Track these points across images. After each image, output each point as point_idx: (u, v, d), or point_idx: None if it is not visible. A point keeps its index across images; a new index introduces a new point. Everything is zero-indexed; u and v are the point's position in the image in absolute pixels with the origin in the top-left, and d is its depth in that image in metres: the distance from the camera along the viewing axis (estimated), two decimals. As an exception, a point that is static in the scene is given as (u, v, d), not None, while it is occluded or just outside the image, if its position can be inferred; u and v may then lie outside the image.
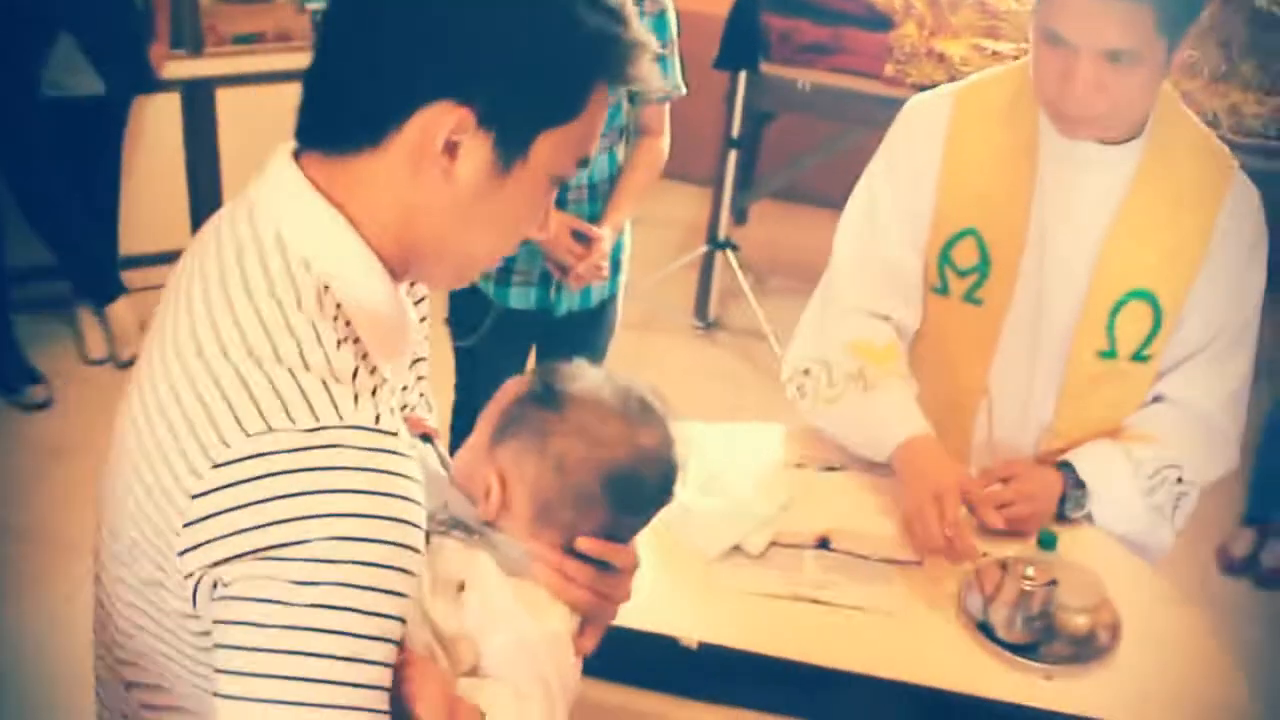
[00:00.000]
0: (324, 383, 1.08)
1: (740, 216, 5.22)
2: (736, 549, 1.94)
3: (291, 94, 1.20)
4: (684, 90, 2.92)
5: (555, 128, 1.15)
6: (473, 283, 1.58)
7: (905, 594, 1.93)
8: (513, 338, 2.99)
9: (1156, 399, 2.11)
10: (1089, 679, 1.82)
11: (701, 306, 4.90)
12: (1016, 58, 4.32)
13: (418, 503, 1.11)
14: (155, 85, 4.25)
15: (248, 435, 1.06)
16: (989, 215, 2.06)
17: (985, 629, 1.86)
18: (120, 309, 4.23)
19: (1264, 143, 4.41)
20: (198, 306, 1.13)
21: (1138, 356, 2.06)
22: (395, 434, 1.10)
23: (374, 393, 1.13)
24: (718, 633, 1.79)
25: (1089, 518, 2.08)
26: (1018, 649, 1.83)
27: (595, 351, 3.11)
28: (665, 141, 2.95)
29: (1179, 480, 2.06)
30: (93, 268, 4.25)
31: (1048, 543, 1.90)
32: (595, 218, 2.81)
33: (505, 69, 1.11)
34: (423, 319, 1.43)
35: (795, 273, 5.25)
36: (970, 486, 1.94)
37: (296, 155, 1.19)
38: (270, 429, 1.05)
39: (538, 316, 2.90)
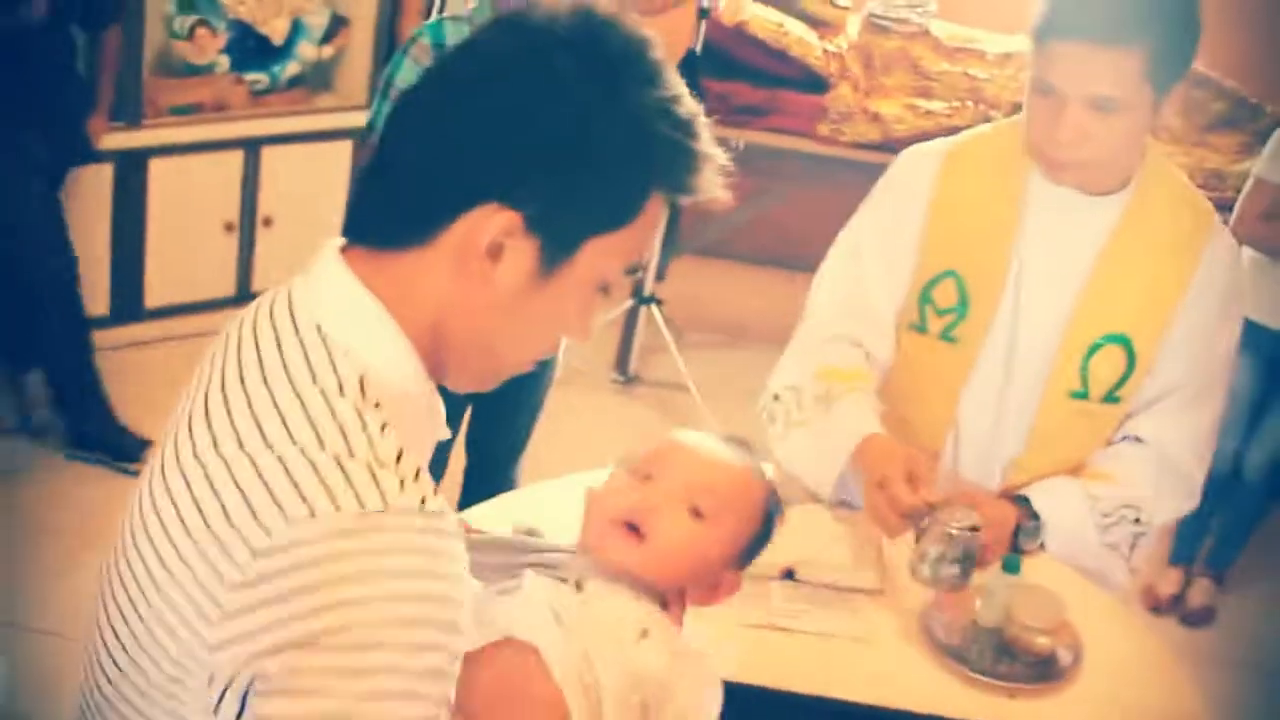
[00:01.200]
0: (369, 468, 1.05)
1: (659, 273, 5.30)
2: None
3: (225, 161, 1.22)
4: None
5: (605, 234, 1.14)
6: None
7: (872, 620, 1.97)
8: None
9: (1124, 439, 2.16)
10: (1052, 698, 1.87)
11: (623, 360, 4.94)
12: (950, 116, 4.50)
13: (464, 584, 1.09)
14: (92, 156, 4.23)
15: (290, 522, 1.03)
16: (970, 258, 2.12)
17: (953, 653, 1.90)
18: (35, 377, 4.17)
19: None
20: (235, 397, 1.11)
21: (1109, 398, 2.12)
22: (442, 514, 1.08)
23: (417, 475, 1.10)
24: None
25: (1043, 549, 2.12)
26: (977, 669, 1.88)
27: (533, 402, 3.17)
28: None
29: (1136, 520, 2.11)
30: (12, 335, 4.18)
31: (1011, 566, 1.95)
32: None
33: (561, 175, 1.10)
34: None
35: (713, 327, 5.32)
36: (915, 465, 1.96)
37: (344, 250, 1.17)
38: (314, 514, 1.03)
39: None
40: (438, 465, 3.10)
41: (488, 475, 3.21)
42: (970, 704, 1.84)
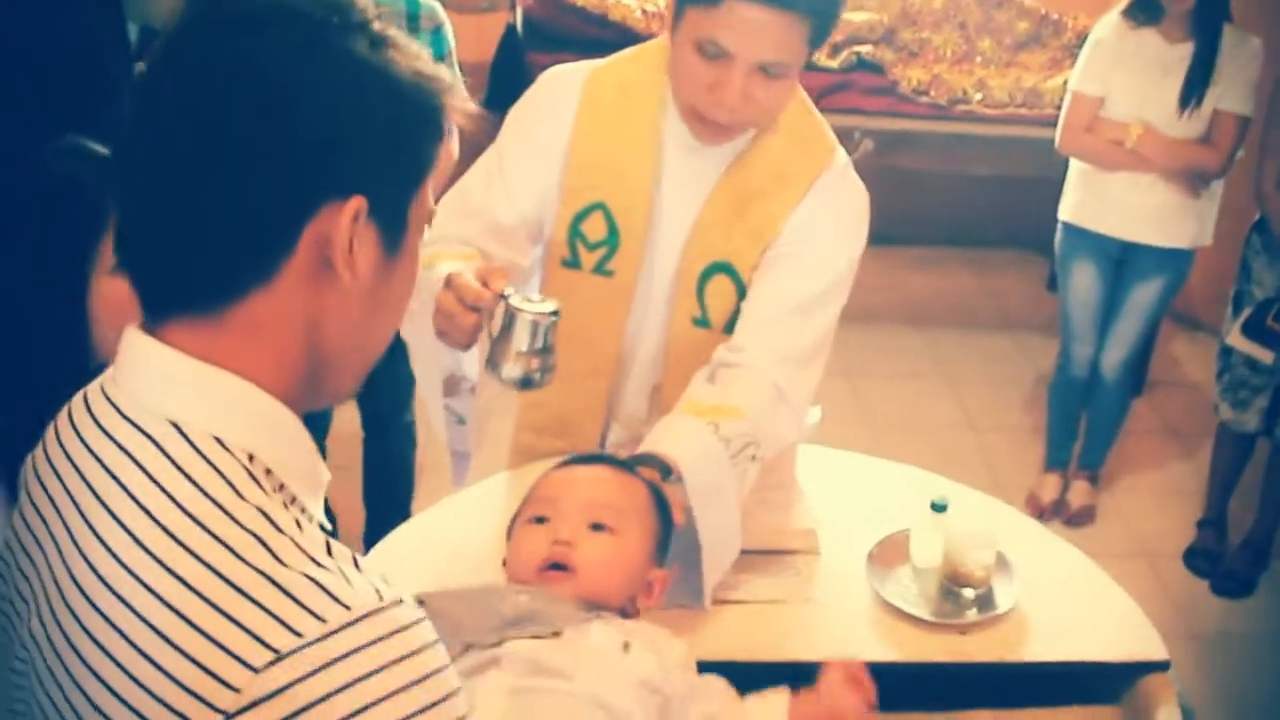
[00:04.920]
0: (307, 575, 0.95)
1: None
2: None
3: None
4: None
5: (421, 187, 1.10)
6: None
7: (815, 580, 2.01)
8: None
9: (733, 353, 2.06)
10: (999, 627, 1.94)
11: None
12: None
13: (448, 664, 1.00)
14: None
15: (254, 671, 0.92)
16: (616, 188, 2.11)
17: (898, 600, 1.96)
18: None
19: (1012, 112, 4.70)
20: (112, 534, 0.99)
21: (729, 328, 2.12)
22: (402, 600, 0.98)
23: (356, 561, 1.01)
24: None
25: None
26: (924, 613, 1.94)
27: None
28: (454, 144, 3.08)
29: (753, 458, 1.99)
30: None
31: (939, 508, 2.01)
32: None
33: (374, 148, 1.04)
34: None
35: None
36: (485, 270, 1.83)
37: (149, 330, 1.05)
38: (278, 654, 0.92)
39: None
40: (321, 423, 3.31)
41: (384, 424, 3.43)
42: (925, 647, 1.90)
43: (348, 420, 3.49)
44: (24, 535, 1.10)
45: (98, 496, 1.02)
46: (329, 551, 0.99)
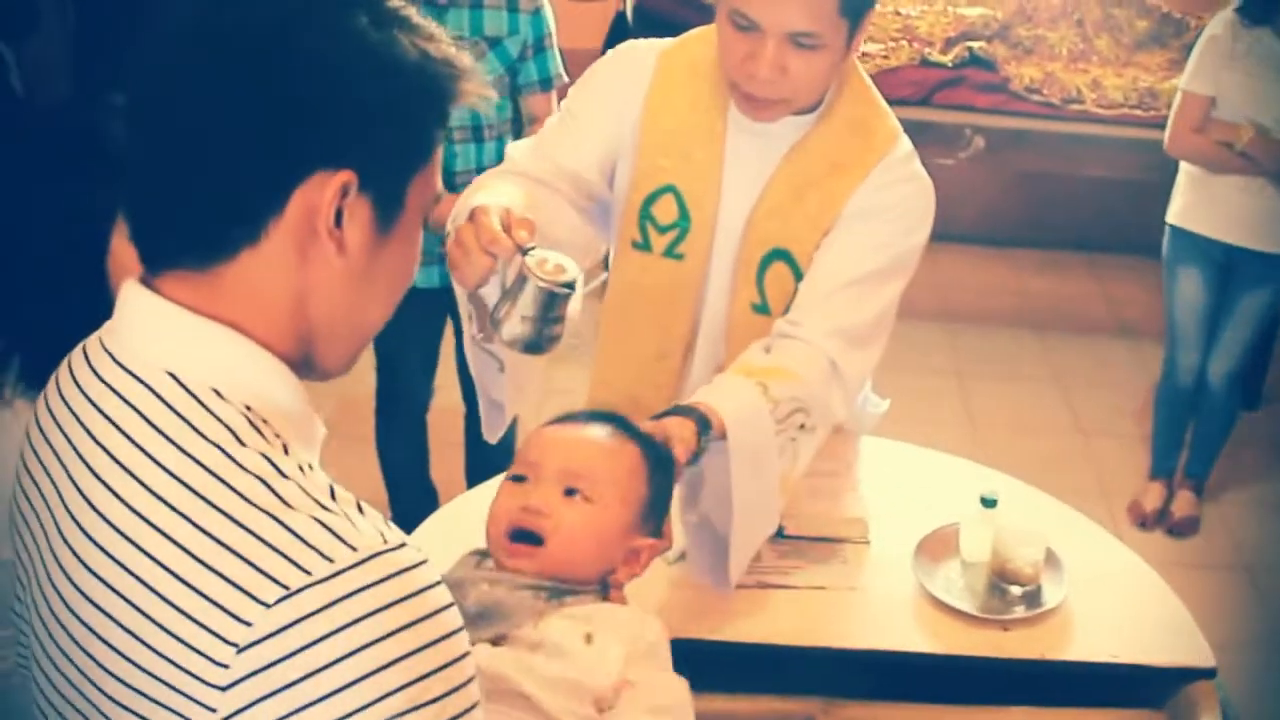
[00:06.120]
0: (314, 518, 0.98)
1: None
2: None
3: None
4: (565, 78, 3.08)
5: (421, 170, 1.11)
6: None
7: (861, 570, 2.01)
8: (425, 315, 3.20)
9: (790, 325, 2.04)
10: (1044, 624, 1.92)
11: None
12: (886, 58, 4.54)
13: (451, 604, 1.03)
14: None
15: (266, 606, 0.95)
16: (687, 172, 2.10)
17: (943, 593, 1.95)
18: None
19: (1127, 113, 4.61)
20: (118, 481, 1.02)
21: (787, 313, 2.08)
22: (405, 544, 1.01)
23: (360, 507, 1.04)
24: (691, 627, 1.85)
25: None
26: (969, 607, 1.93)
27: None
28: None
29: (802, 426, 1.98)
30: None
31: (989, 504, 1.99)
32: None
33: (369, 120, 1.05)
34: None
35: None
36: (511, 217, 1.74)
37: (147, 283, 1.08)
38: (288, 590, 0.95)
39: (444, 294, 2.93)
40: (421, 398, 3.37)
41: None
42: (967, 640, 1.89)
43: (450, 396, 3.54)
44: (28, 486, 1.14)
45: (100, 445, 1.05)
46: (333, 496, 1.03)
